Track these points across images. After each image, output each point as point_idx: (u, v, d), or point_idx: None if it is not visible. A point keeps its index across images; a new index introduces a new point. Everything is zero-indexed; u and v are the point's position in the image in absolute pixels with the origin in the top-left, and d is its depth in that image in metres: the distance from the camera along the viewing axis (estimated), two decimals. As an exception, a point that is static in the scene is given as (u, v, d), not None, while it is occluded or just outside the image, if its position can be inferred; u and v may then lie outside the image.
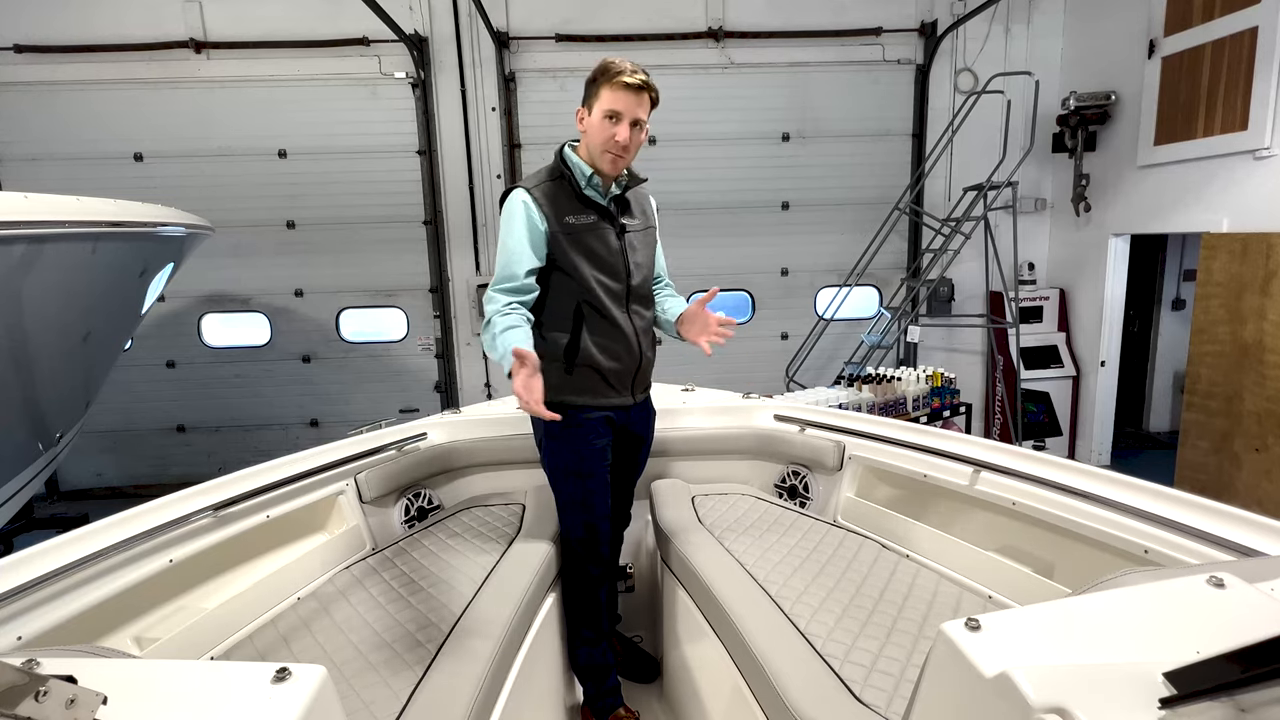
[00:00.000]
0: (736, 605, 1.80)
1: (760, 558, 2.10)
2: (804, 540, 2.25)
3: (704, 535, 2.27)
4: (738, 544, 2.21)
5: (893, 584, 1.95)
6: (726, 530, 2.32)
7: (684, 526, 2.34)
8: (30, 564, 1.61)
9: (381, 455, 2.64)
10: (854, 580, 1.97)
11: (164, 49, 5.93)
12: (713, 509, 2.52)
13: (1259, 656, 0.61)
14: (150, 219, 3.30)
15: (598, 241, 2.05)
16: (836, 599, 1.85)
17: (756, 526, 2.37)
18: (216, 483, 2.11)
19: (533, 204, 2.00)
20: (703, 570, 2.03)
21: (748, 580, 1.95)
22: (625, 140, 1.96)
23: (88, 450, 6.21)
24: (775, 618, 1.74)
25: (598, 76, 1.97)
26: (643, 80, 1.94)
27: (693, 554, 2.12)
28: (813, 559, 2.11)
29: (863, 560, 2.10)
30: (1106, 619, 0.82)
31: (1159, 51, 5.18)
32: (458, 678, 1.56)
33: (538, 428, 2.18)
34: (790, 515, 2.47)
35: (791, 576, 1.98)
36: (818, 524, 2.40)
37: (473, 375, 6.73)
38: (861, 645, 1.62)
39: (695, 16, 6.21)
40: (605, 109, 1.95)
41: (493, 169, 6.36)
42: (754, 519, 2.44)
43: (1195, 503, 1.69)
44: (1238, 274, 4.56)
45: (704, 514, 2.47)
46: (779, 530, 2.33)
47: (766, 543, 2.22)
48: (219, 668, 0.86)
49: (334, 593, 2.00)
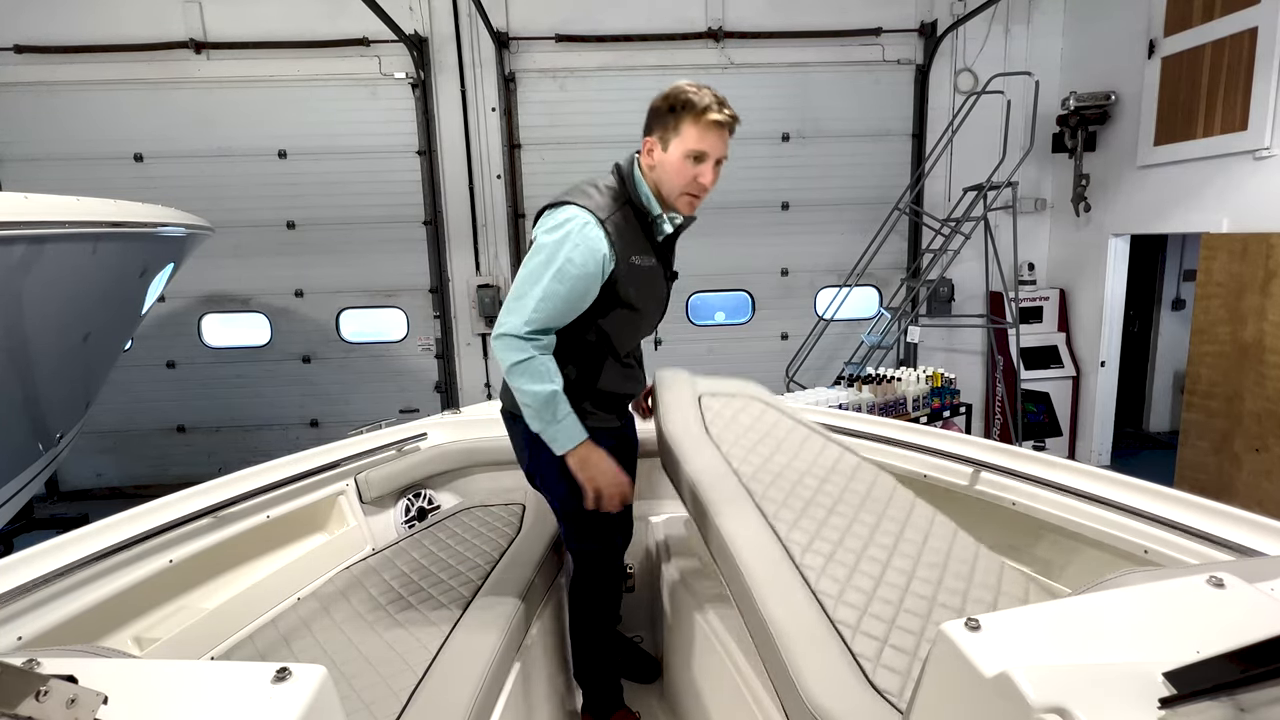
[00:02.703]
0: (744, 552, 1.62)
1: (769, 486, 1.88)
2: (817, 462, 2.03)
3: (710, 451, 2.03)
4: (745, 465, 1.98)
5: (908, 530, 1.76)
6: (733, 446, 2.09)
7: (690, 435, 2.11)
8: (30, 564, 1.61)
9: (381, 455, 2.64)
10: (868, 523, 1.77)
11: (164, 49, 5.93)
12: (719, 415, 2.27)
13: (1259, 656, 0.61)
14: (150, 219, 3.30)
15: (649, 286, 1.89)
16: (849, 547, 1.68)
17: (766, 441, 2.14)
18: (216, 483, 2.11)
19: (605, 243, 1.74)
20: (709, 500, 1.81)
21: (756, 518, 1.75)
22: (709, 183, 1.78)
23: (88, 450, 6.21)
24: (786, 572, 1.57)
25: (677, 108, 1.73)
26: (731, 115, 1.74)
27: (698, 477, 1.91)
28: (825, 491, 1.90)
29: (877, 498, 1.89)
30: (1106, 619, 0.82)
31: (1159, 51, 5.18)
32: (457, 678, 1.56)
33: (521, 437, 1.97)
34: (801, 432, 2.22)
35: (801, 515, 1.78)
36: (829, 445, 2.16)
37: (473, 375, 6.73)
38: (875, 612, 1.49)
39: (695, 16, 6.21)
40: (690, 149, 1.73)
41: (493, 169, 6.36)
42: (763, 431, 2.20)
43: (1195, 503, 1.69)
44: (1238, 274, 4.56)
45: (710, 420, 2.23)
46: (789, 450, 2.10)
47: (775, 466, 2.00)
48: (219, 668, 0.86)
49: (334, 593, 2.00)
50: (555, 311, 1.73)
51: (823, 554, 1.65)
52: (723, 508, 1.76)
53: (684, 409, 2.23)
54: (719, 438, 2.13)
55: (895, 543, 1.71)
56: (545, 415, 1.75)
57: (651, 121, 1.80)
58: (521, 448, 2.02)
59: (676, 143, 1.74)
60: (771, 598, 1.48)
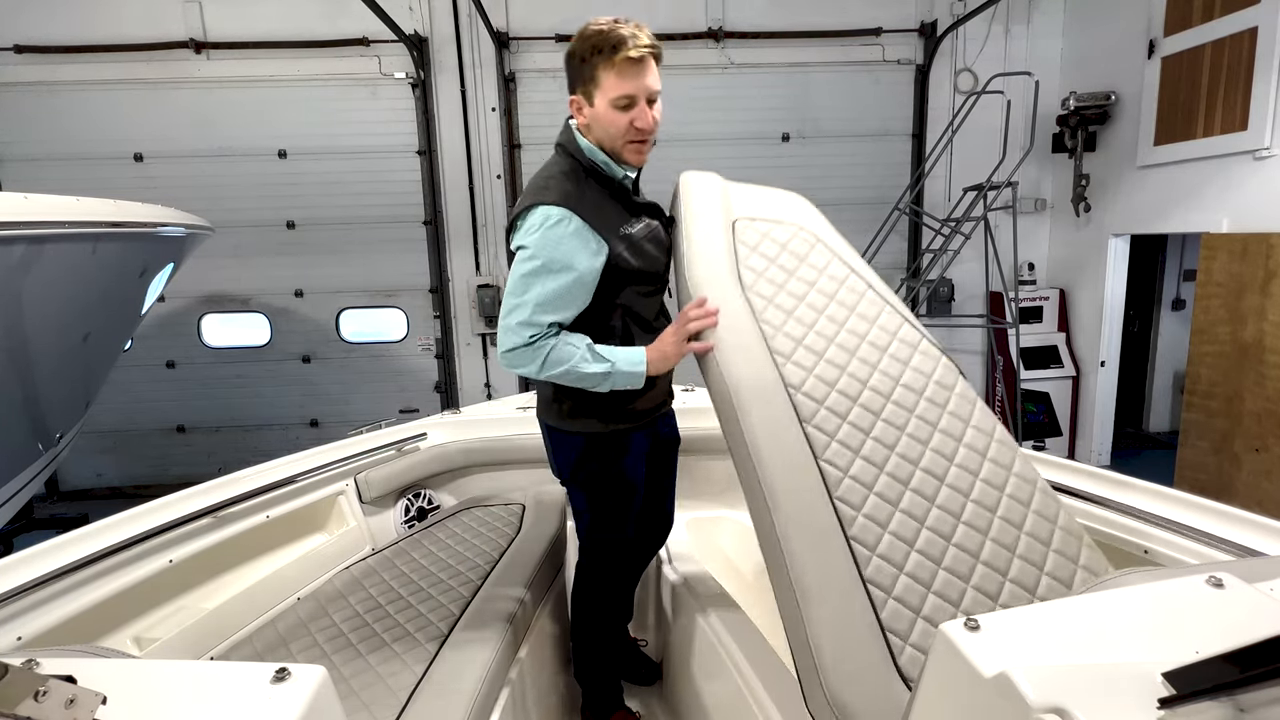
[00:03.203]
0: (779, 496, 1.35)
1: (822, 390, 1.51)
2: (887, 357, 1.62)
3: (747, 328, 1.59)
4: (788, 343, 1.58)
5: (980, 486, 1.46)
6: (777, 317, 1.63)
7: (720, 287, 1.65)
8: (30, 564, 1.61)
9: (381, 455, 2.64)
10: (933, 460, 1.46)
11: (164, 49, 5.93)
12: (759, 252, 1.77)
13: (1258, 656, 0.61)
14: (150, 219, 3.30)
15: (654, 246, 1.78)
16: (896, 475, 1.41)
17: (817, 300, 1.70)
18: (216, 483, 2.11)
19: (589, 233, 1.62)
20: (743, 409, 1.45)
21: (799, 445, 1.42)
22: (649, 125, 1.64)
23: (88, 450, 6.21)
24: (822, 514, 1.34)
25: (589, 55, 1.60)
26: (650, 45, 1.59)
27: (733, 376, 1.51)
28: (889, 401, 1.54)
29: (949, 430, 1.51)
30: (1106, 619, 0.82)
31: (1159, 51, 5.18)
32: (457, 678, 1.56)
33: (568, 449, 1.90)
34: (866, 295, 1.76)
35: (843, 423, 1.46)
36: (905, 326, 1.70)
37: (473, 375, 6.72)
38: (912, 571, 1.29)
39: (695, 16, 6.21)
40: (613, 97, 1.60)
41: (493, 169, 6.36)
42: (810, 281, 1.74)
43: (1195, 503, 1.69)
44: (1238, 274, 4.56)
45: (746, 261, 1.75)
46: (837, 319, 1.67)
47: (832, 353, 1.59)
48: (219, 668, 0.86)
49: (334, 593, 2.00)
50: (555, 309, 1.63)
51: (864, 485, 1.38)
52: (759, 431, 1.41)
53: (712, 240, 1.72)
54: (758, 296, 1.65)
55: (966, 495, 1.42)
56: (597, 378, 1.64)
57: (571, 77, 1.67)
58: (546, 447, 2.00)
59: (599, 95, 1.61)
60: (801, 548, 1.27)
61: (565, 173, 1.70)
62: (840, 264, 1.81)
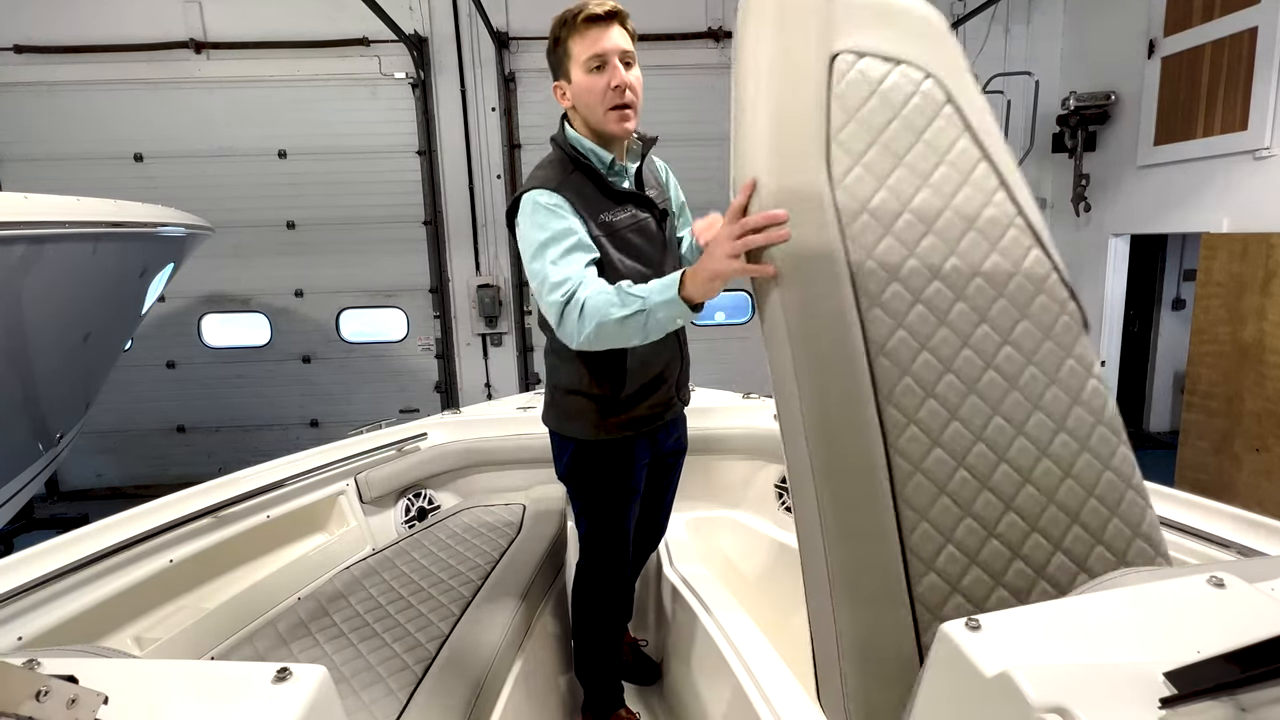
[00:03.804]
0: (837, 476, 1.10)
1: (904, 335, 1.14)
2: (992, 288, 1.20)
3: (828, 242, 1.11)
4: (874, 272, 1.13)
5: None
6: (867, 194, 1.15)
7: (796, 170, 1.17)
8: (30, 564, 1.61)
9: (381, 455, 2.64)
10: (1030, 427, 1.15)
11: (164, 49, 5.93)
12: (859, 108, 1.16)
13: (1259, 656, 0.61)
14: (150, 219, 3.30)
15: (640, 237, 1.77)
16: (986, 455, 1.13)
17: (921, 215, 1.17)
18: (216, 483, 2.12)
19: (567, 205, 1.63)
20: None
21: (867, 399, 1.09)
22: (624, 81, 1.63)
23: (88, 450, 6.21)
24: (882, 510, 1.09)
25: (559, 33, 1.65)
26: (611, 7, 1.63)
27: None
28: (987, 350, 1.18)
29: (1053, 401, 1.17)
30: (1106, 619, 0.82)
31: (1159, 51, 5.18)
32: (457, 678, 1.56)
33: (564, 452, 1.94)
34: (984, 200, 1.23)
35: (927, 398, 1.13)
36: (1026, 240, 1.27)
37: (473, 375, 6.72)
38: (967, 589, 1.08)
39: (695, 16, 6.21)
40: (584, 59, 1.62)
41: (493, 169, 6.36)
42: (923, 177, 1.19)
43: (1195, 503, 1.69)
44: (1238, 274, 4.56)
45: (836, 124, 1.14)
46: (950, 239, 1.19)
47: (920, 278, 1.15)
48: (219, 668, 0.86)
49: (334, 593, 2.00)
50: (572, 263, 1.57)
51: (944, 475, 1.08)
52: (822, 413, 1.08)
53: (792, 91, 1.12)
54: (851, 197, 1.11)
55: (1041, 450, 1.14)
56: (634, 326, 1.44)
57: (552, 66, 1.72)
58: (567, 463, 1.97)
59: (573, 66, 1.65)
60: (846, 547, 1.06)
61: (553, 162, 1.74)
62: (972, 145, 1.23)
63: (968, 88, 1.25)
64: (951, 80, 1.23)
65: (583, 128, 1.74)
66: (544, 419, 2.00)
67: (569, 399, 1.86)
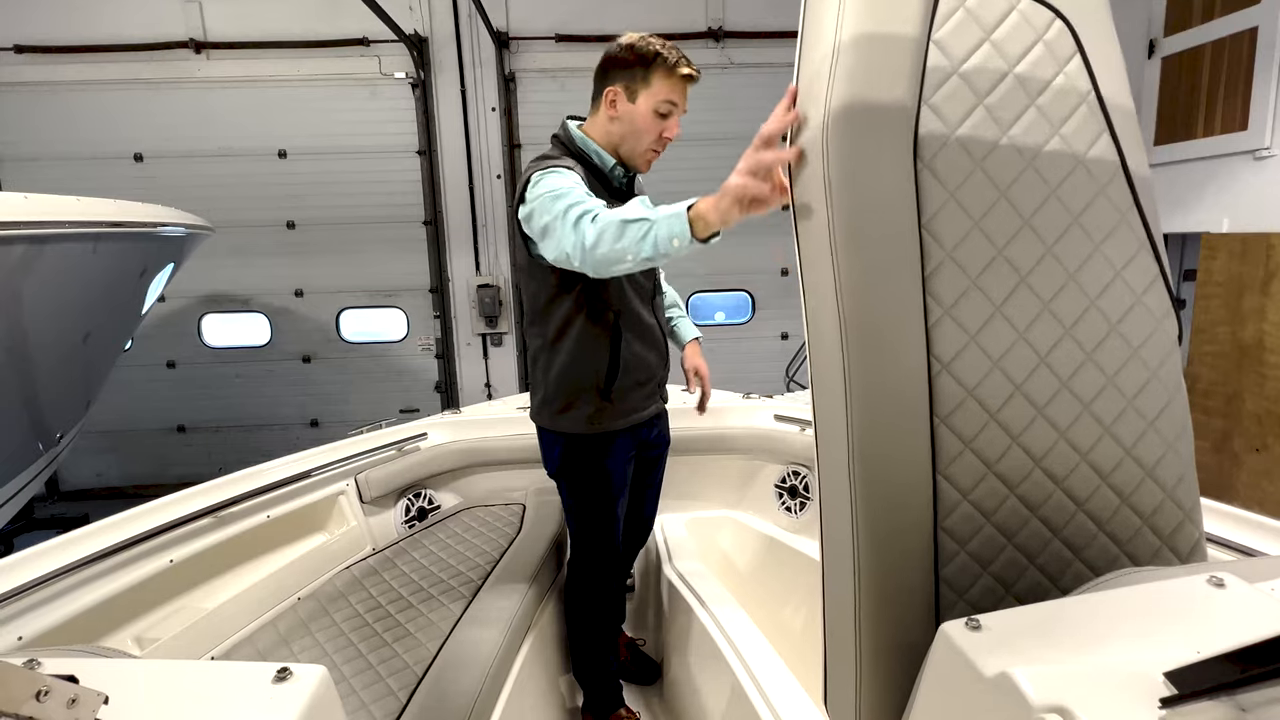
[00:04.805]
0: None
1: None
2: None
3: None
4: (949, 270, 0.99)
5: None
6: (961, 177, 0.96)
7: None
8: (30, 564, 1.61)
9: (381, 455, 2.64)
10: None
11: (164, 49, 5.93)
12: (963, 63, 0.95)
13: (1259, 656, 0.61)
14: (150, 219, 3.31)
15: None
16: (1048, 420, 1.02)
17: (1018, 206, 0.98)
18: (216, 483, 2.11)
19: (579, 178, 1.64)
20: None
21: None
22: (673, 137, 1.78)
23: (88, 450, 6.21)
24: (922, 471, 0.98)
25: (649, 59, 1.69)
26: (698, 70, 1.77)
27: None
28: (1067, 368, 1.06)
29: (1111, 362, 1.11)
30: (1107, 619, 0.82)
31: (1159, 51, 5.18)
32: (457, 678, 1.56)
33: (554, 447, 1.95)
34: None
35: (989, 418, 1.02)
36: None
37: (473, 375, 6.73)
38: (999, 572, 1.01)
39: (695, 16, 6.21)
40: (661, 101, 1.70)
41: (493, 169, 6.36)
42: (1033, 154, 0.97)
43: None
44: (1238, 274, 4.56)
45: (931, 84, 0.95)
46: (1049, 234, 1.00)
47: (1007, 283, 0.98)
48: (219, 668, 0.86)
49: (334, 593, 2.00)
50: (569, 190, 1.54)
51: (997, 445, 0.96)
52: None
53: (880, 34, 0.93)
54: (933, 175, 0.93)
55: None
56: (641, 226, 1.35)
57: (614, 71, 1.72)
58: (556, 458, 1.97)
59: (646, 95, 1.71)
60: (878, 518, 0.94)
61: (559, 150, 1.80)
62: (1096, 117, 0.98)
63: (1104, 27, 1.03)
64: (1081, 19, 1.00)
65: (602, 137, 1.78)
66: (533, 416, 2.00)
67: (562, 394, 1.87)
